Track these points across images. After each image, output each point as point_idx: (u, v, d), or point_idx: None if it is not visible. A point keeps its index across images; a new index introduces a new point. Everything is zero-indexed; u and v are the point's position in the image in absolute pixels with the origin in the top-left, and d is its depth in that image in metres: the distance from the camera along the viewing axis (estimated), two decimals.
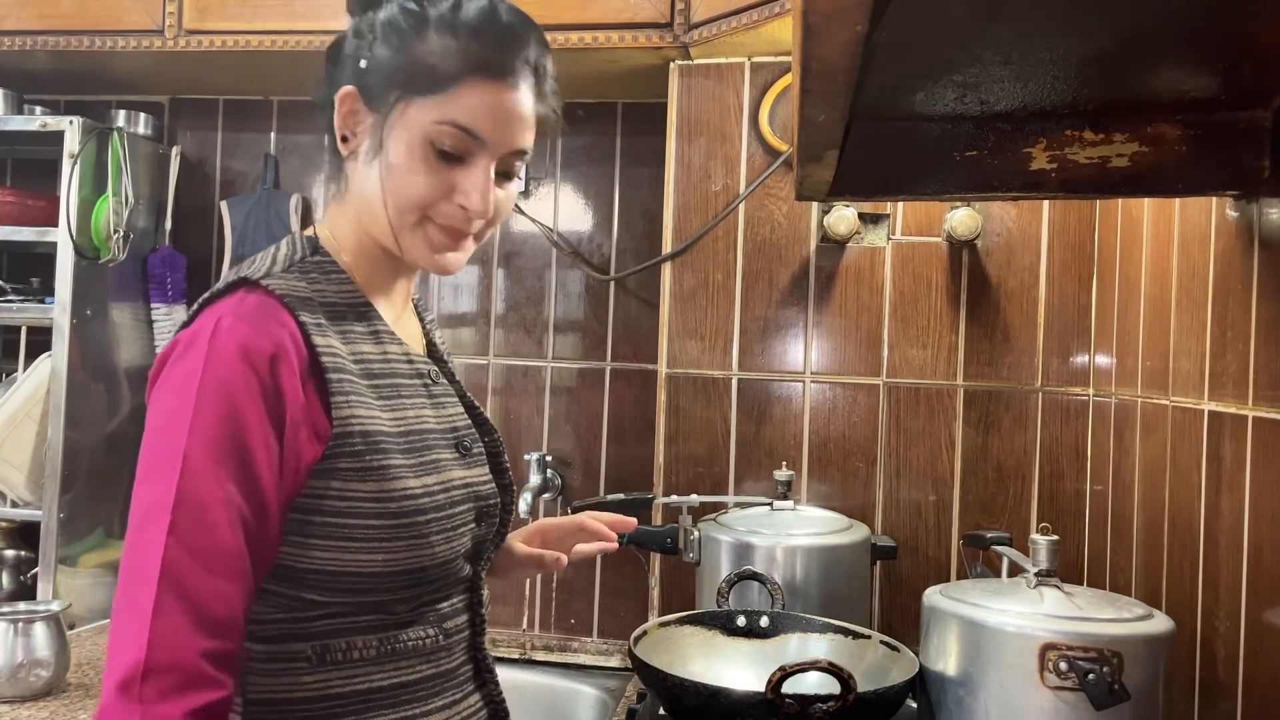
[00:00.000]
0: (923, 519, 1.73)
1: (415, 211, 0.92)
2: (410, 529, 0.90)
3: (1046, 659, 1.04)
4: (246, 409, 0.83)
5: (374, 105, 0.92)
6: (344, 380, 0.89)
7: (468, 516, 0.97)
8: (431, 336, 1.09)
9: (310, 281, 0.93)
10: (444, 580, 0.96)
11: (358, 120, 0.94)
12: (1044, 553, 1.16)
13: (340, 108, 0.94)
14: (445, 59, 0.90)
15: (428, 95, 0.90)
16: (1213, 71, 0.93)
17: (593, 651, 2.02)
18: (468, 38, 0.91)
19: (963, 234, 1.69)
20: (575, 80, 1.98)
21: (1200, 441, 1.17)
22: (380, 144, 0.92)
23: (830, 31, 0.60)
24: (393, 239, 0.94)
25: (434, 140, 0.90)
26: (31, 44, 1.95)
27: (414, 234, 0.93)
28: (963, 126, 1.07)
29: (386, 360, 0.96)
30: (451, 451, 0.99)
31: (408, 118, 0.91)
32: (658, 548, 1.62)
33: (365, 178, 0.94)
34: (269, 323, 0.86)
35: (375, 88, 0.92)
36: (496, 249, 2.15)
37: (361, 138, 0.94)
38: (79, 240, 1.95)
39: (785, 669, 1.04)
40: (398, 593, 0.92)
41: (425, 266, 0.96)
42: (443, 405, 1.01)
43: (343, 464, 0.88)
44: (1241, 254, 1.08)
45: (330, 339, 0.90)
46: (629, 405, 2.08)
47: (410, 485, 0.91)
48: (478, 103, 0.90)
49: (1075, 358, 1.69)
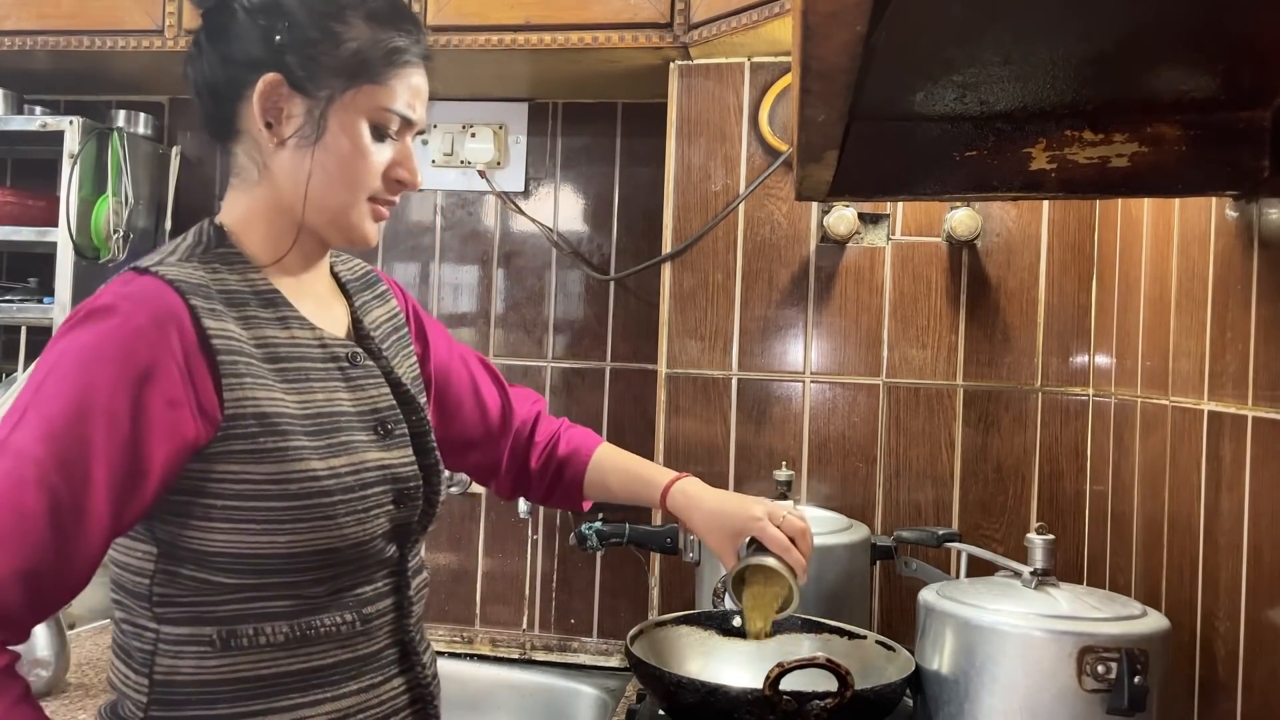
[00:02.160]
0: (923, 519, 1.72)
1: (366, 190, 0.97)
2: (315, 510, 0.90)
3: (1083, 661, 1.04)
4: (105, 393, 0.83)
5: (308, 91, 0.94)
6: (237, 363, 0.90)
7: (383, 499, 0.97)
8: (360, 315, 1.08)
9: (211, 271, 0.94)
10: (362, 562, 0.96)
11: (282, 106, 0.95)
12: (1040, 552, 1.16)
13: (265, 94, 0.94)
14: (385, 48, 0.96)
15: (373, 83, 0.95)
16: (1212, 71, 0.93)
17: (593, 651, 2.02)
18: (394, 26, 0.97)
19: (963, 234, 1.69)
20: (575, 80, 1.98)
21: (1200, 441, 1.17)
22: (319, 130, 0.94)
23: (830, 31, 0.60)
24: (334, 220, 0.98)
25: (377, 124, 0.96)
26: (31, 44, 1.95)
27: (360, 212, 0.98)
28: (963, 126, 1.07)
29: (295, 345, 0.96)
30: (369, 433, 0.99)
31: (355, 103, 0.95)
32: (658, 548, 1.62)
33: (292, 163, 0.96)
34: (151, 302, 0.87)
35: (309, 74, 0.94)
36: (496, 249, 2.15)
37: (290, 124, 0.95)
38: (79, 240, 1.95)
39: (783, 665, 1.04)
40: (309, 574, 0.92)
41: (357, 242, 1.00)
42: (362, 387, 1.00)
43: (237, 446, 0.88)
44: (1241, 254, 1.08)
45: (225, 323, 0.90)
46: (629, 405, 2.08)
47: (314, 467, 0.91)
48: (410, 89, 0.98)
49: (1075, 358, 1.69)
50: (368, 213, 0.99)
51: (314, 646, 0.93)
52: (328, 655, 0.94)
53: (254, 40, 0.94)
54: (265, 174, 0.97)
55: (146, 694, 0.90)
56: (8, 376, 2.09)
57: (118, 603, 0.95)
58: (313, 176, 0.95)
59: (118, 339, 0.85)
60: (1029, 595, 1.13)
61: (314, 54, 0.94)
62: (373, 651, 0.98)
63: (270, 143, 0.96)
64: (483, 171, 2.11)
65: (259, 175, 0.98)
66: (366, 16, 0.96)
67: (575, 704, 1.91)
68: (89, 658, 1.75)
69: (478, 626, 2.10)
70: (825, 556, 1.51)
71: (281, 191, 0.97)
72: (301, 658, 0.92)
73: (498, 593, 2.11)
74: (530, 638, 2.06)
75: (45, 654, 1.53)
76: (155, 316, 0.86)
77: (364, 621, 0.97)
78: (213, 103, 0.98)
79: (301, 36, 0.94)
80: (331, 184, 0.96)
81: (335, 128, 0.95)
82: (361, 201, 0.98)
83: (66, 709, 1.50)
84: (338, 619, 0.94)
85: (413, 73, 0.98)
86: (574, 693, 1.92)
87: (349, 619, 0.95)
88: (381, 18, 0.96)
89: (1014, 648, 1.07)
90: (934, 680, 1.15)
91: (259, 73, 0.94)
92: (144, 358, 0.85)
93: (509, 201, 2.13)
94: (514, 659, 2.03)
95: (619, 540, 1.58)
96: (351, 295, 1.09)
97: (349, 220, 0.98)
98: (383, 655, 0.99)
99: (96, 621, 1.97)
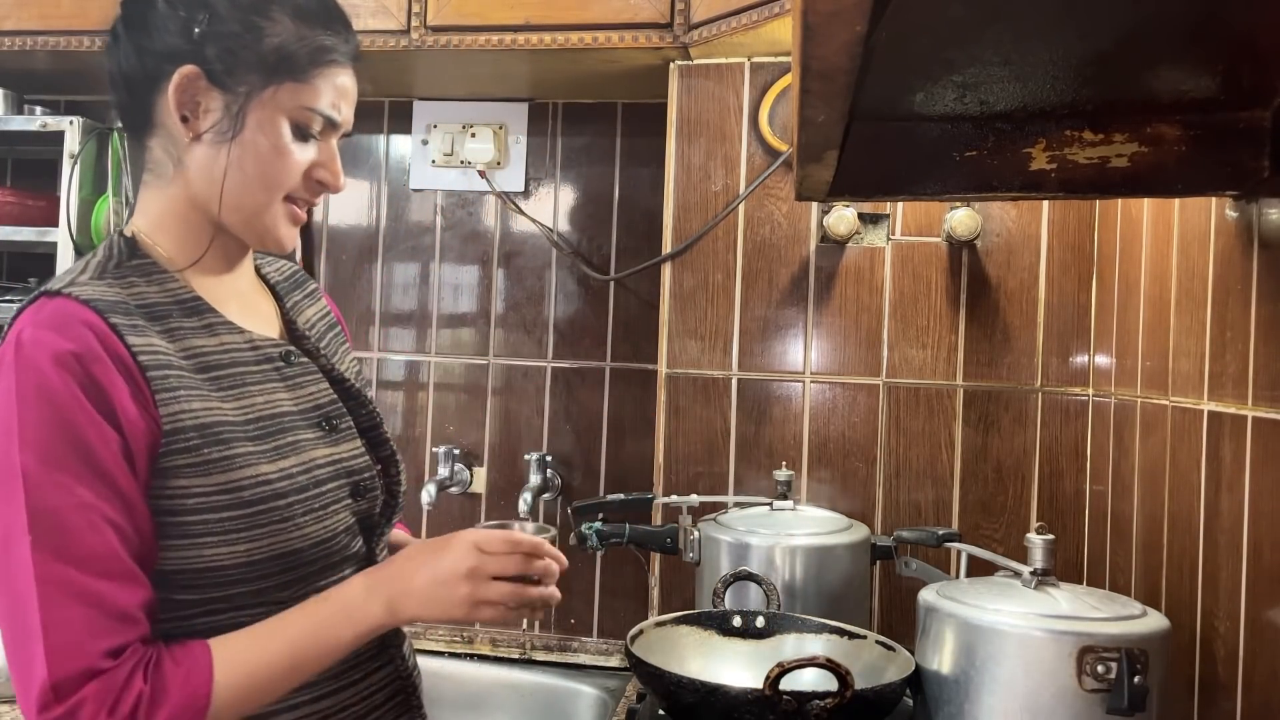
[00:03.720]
0: (923, 519, 1.72)
1: (283, 190, 0.95)
2: (270, 514, 0.89)
3: (1083, 661, 1.03)
4: (72, 410, 0.81)
5: (226, 86, 0.91)
6: (168, 377, 0.87)
7: (340, 493, 0.96)
8: (293, 315, 1.06)
9: (126, 285, 0.91)
10: (327, 560, 0.95)
11: (199, 101, 0.92)
12: (1040, 552, 1.16)
13: (181, 88, 0.91)
14: (308, 45, 0.93)
15: (294, 81, 0.93)
16: (1212, 71, 0.93)
17: (593, 651, 2.02)
18: (320, 24, 0.94)
19: (962, 234, 1.69)
20: (575, 80, 1.98)
21: (1200, 441, 1.17)
22: (236, 126, 0.91)
23: (830, 31, 0.60)
24: (248, 220, 0.95)
25: (298, 123, 0.94)
26: (31, 44, 1.95)
27: (275, 213, 0.96)
28: (962, 126, 1.07)
29: (225, 351, 0.94)
30: (314, 430, 0.97)
31: (275, 101, 0.92)
32: (658, 548, 1.62)
33: (208, 159, 0.93)
34: (72, 325, 0.85)
35: (228, 69, 0.91)
36: (496, 249, 2.15)
37: (207, 119, 0.92)
38: (79, 240, 1.95)
39: (783, 665, 1.04)
40: (274, 579, 0.90)
41: (272, 245, 0.97)
42: (300, 385, 0.99)
43: (180, 461, 0.86)
44: (1241, 254, 1.08)
45: (150, 338, 0.88)
46: (629, 405, 2.08)
47: (264, 471, 0.90)
48: (334, 89, 0.95)
49: (1075, 358, 1.69)
50: (283, 214, 0.96)
51: None
52: None
53: (173, 31, 0.92)
54: (180, 170, 0.95)
55: None
56: None
57: None
58: (228, 174, 0.93)
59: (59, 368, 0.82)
60: (1029, 595, 1.13)
61: (234, 47, 0.91)
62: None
63: (185, 137, 0.93)
64: (483, 171, 2.11)
65: (174, 171, 0.95)
66: (293, 13, 0.93)
67: (575, 704, 1.91)
68: None
69: (478, 626, 2.10)
70: (825, 556, 1.51)
71: (196, 189, 0.94)
72: None
73: None
74: (530, 638, 2.06)
75: None
76: (80, 339, 0.84)
77: None
78: (128, 94, 0.96)
79: (222, 29, 0.91)
80: (247, 182, 0.93)
81: (254, 124, 0.92)
82: (277, 202, 0.95)
83: None
84: None
85: (339, 73, 0.96)
86: (574, 693, 1.92)
87: None
88: (308, 15, 0.94)
89: (1014, 648, 1.07)
90: (934, 680, 1.15)
91: (176, 64, 0.91)
92: (85, 379, 0.82)
93: (509, 201, 2.13)
94: (514, 659, 2.03)
95: (619, 540, 1.58)
96: (282, 296, 1.08)
97: (263, 222, 0.96)
98: (360, 652, 0.97)
99: None
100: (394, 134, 2.18)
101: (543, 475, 2.06)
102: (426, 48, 1.81)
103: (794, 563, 1.49)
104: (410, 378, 2.17)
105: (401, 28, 1.81)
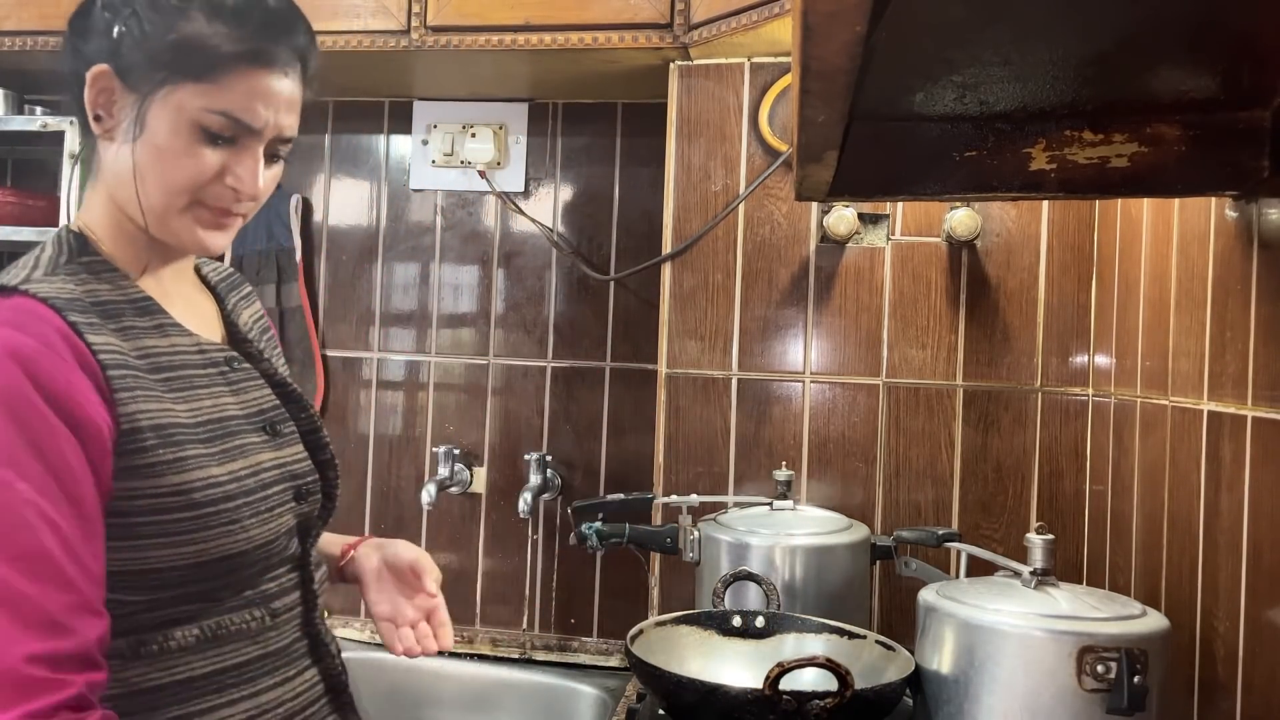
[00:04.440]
0: (922, 519, 1.72)
1: (186, 195, 0.91)
2: (220, 516, 0.89)
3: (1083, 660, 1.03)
4: (25, 409, 0.80)
5: (133, 85, 0.90)
6: (125, 376, 0.87)
7: (285, 497, 0.97)
8: (234, 318, 1.06)
9: (80, 282, 0.90)
10: (268, 561, 0.95)
11: (112, 100, 0.91)
12: (1040, 552, 1.16)
13: (92, 86, 0.91)
14: (215, 45, 0.89)
15: (196, 81, 0.89)
16: (1212, 71, 0.93)
17: (593, 651, 2.02)
18: (238, 23, 0.90)
19: (962, 234, 1.69)
20: (575, 80, 1.98)
21: (1200, 441, 1.17)
22: (140, 126, 0.90)
23: (830, 32, 0.60)
24: (152, 222, 0.93)
25: (204, 125, 0.90)
26: (31, 44, 1.95)
27: (182, 217, 0.92)
28: (962, 127, 1.07)
29: (175, 352, 0.94)
30: (259, 434, 0.98)
31: (175, 101, 0.89)
32: (658, 548, 1.62)
33: (120, 160, 0.92)
34: (31, 323, 0.83)
35: (134, 67, 0.90)
36: (496, 249, 2.15)
37: (118, 118, 0.91)
38: None
39: (783, 665, 1.04)
40: (216, 579, 0.90)
41: (189, 248, 0.95)
42: (244, 390, 0.99)
43: (135, 461, 0.85)
44: (1241, 254, 1.08)
45: (107, 337, 0.87)
46: (629, 405, 2.08)
47: (214, 473, 0.90)
48: (249, 92, 0.90)
49: (1075, 358, 1.69)
50: (195, 219, 0.93)
51: (225, 646, 0.92)
52: (240, 653, 0.93)
53: (100, 31, 0.91)
54: (99, 170, 0.94)
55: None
56: None
57: None
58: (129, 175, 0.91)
59: (16, 365, 0.80)
60: (1029, 595, 1.13)
61: (142, 46, 0.89)
62: (283, 646, 0.98)
63: (100, 137, 0.93)
64: (483, 171, 2.11)
65: (96, 171, 0.95)
66: (211, 12, 0.89)
67: (575, 704, 1.91)
68: None
69: (478, 626, 2.10)
70: (825, 556, 1.51)
71: (112, 189, 0.94)
72: (214, 658, 0.91)
73: (498, 593, 2.11)
74: (530, 638, 2.06)
75: None
76: (41, 336, 0.82)
77: (273, 616, 0.96)
78: (70, 95, 0.95)
79: (137, 29, 0.89)
80: (146, 185, 0.91)
81: (153, 124, 0.90)
82: (182, 206, 0.92)
83: None
84: (247, 616, 0.94)
85: (258, 75, 0.91)
86: (574, 693, 1.92)
87: (258, 615, 0.95)
88: (227, 14, 0.90)
89: (1014, 648, 1.07)
90: (934, 680, 1.15)
91: (91, 62, 0.91)
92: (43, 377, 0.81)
93: (509, 201, 2.13)
94: (514, 659, 2.03)
95: (619, 540, 1.58)
96: (221, 297, 1.07)
97: (170, 225, 0.93)
98: (293, 649, 0.99)
99: None
100: (394, 134, 2.18)
101: (543, 475, 2.06)
102: (426, 48, 1.81)
103: (794, 563, 1.49)
104: (410, 378, 2.17)
105: (401, 28, 1.81)
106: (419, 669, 1.88)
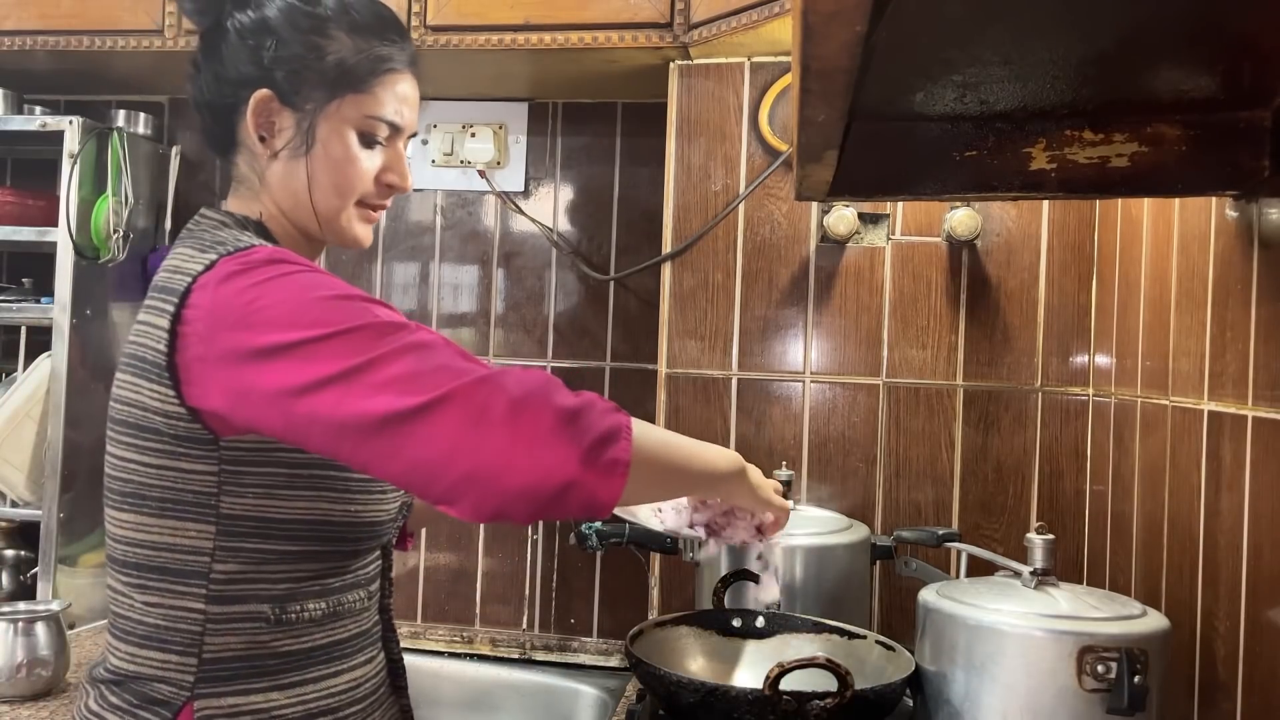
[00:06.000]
0: (922, 519, 1.72)
1: (354, 195, 1.03)
2: (377, 482, 0.99)
3: (1083, 660, 1.03)
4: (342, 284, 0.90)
5: (295, 104, 1.00)
6: None
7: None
8: None
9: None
10: (376, 540, 1.04)
11: (272, 120, 1.01)
12: (1040, 552, 1.16)
13: (257, 111, 1.00)
14: (364, 58, 1.00)
15: (355, 93, 1.01)
16: (1212, 71, 0.93)
17: (593, 651, 2.02)
18: (376, 36, 1.01)
19: (962, 234, 1.69)
20: (575, 80, 1.98)
21: (1200, 441, 1.17)
22: (308, 141, 1.00)
23: (830, 31, 0.60)
24: (326, 224, 1.03)
25: (366, 131, 1.02)
26: (31, 44, 1.95)
27: (348, 215, 1.04)
28: (962, 126, 1.07)
29: None
30: None
31: (339, 113, 1.01)
32: (658, 548, 1.62)
33: (290, 173, 1.01)
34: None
35: (294, 89, 0.99)
36: (496, 249, 2.15)
37: (281, 136, 1.01)
38: (79, 240, 1.95)
39: (783, 665, 1.04)
40: (348, 544, 0.99)
41: (349, 244, 1.06)
42: None
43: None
44: (1241, 254, 1.08)
45: None
46: (629, 405, 2.05)
47: None
48: (395, 96, 1.03)
49: (1075, 358, 1.69)
50: (356, 216, 1.05)
51: (338, 621, 1.01)
52: (346, 629, 1.02)
53: (244, 59, 1.00)
54: (264, 185, 1.03)
55: (194, 673, 0.94)
56: (8, 376, 2.09)
57: (150, 587, 0.96)
58: (306, 185, 1.01)
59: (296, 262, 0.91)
60: (1029, 595, 1.13)
61: (299, 69, 0.99)
62: (369, 627, 1.06)
63: (264, 155, 1.01)
64: (483, 171, 2.11)
65: (260, 185, 1.03)
66: (349, 29, 1.01)
67: (575, 704, 1.91)
68: (89, 657, 1.75)
69: (478, 626, 2.10)
70: (825, 556, 1.50)
71: (278, 199, 1.03)
72: (329, 631, 1.00)
73: (498, 592, 2.11)
74: (530, 638, 2.06)
75: (46, 653, 1.53)
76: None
77: (369, 598, 1.05)
78: (211, 119, 1.04)
79: (287, 53, 0.99)
80: (322, 191, 1.02)
81: (323, 137, 1.01)
82: (350, 206, 1.04)
83: (66, 709, 1.50)
84: (354, 595, 1.02)
85: (398, 79, 1.03)
86: (574, 693, 1.92)
87: (361, 595, 1.03)
88: (364, 29, 1.01)
89: (1014, 647, 1.07)
90: (934, 680, 1.15)
91: (251, 89, 0.99)
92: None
93: (509, 201, 2.13)
94: (514, 659, 2.03)
95: (619, 540, 1.58)
96: None
97: (339, 224, 1.04)
98: (374, 630, 1.07)
99: (97, 621, 1.97)
100: None
101: None
102: (426, 47, 1.81)
103: (794, 563, 1.49)
104: None
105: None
106: (419, 669, 1.88)
